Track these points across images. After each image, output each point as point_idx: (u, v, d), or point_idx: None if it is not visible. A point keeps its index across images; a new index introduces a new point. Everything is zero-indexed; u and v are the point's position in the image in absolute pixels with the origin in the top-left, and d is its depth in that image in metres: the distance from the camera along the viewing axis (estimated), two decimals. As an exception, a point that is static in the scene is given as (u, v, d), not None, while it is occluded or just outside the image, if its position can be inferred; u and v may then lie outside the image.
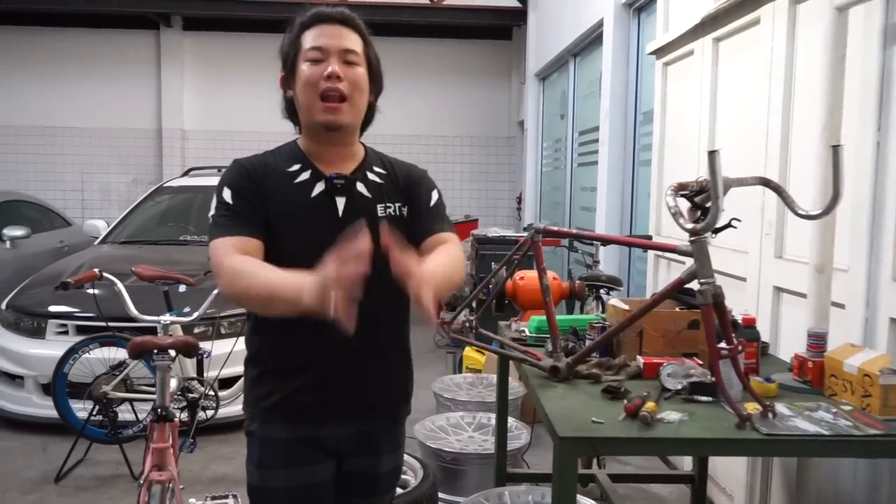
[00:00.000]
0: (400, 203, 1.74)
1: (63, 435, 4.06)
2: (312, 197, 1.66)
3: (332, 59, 1.62)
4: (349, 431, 1.71)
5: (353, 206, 1.67)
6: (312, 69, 1.62)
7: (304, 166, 1.69)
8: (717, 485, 3.27)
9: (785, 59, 2.84)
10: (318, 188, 1.67)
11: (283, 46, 1.70)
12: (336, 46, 1.63)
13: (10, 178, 10.18)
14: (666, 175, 4.14)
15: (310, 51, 1.63)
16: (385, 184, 1.75)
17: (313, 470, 1.69)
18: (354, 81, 1.64)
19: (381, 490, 1.83)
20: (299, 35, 1.67)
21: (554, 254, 7.31)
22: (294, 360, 1.67)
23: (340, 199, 1.67)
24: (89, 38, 10.26)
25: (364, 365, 1.69)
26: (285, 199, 1.64)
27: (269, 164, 1.69)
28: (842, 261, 2.41)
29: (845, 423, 1.77)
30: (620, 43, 5.38)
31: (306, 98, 1.64)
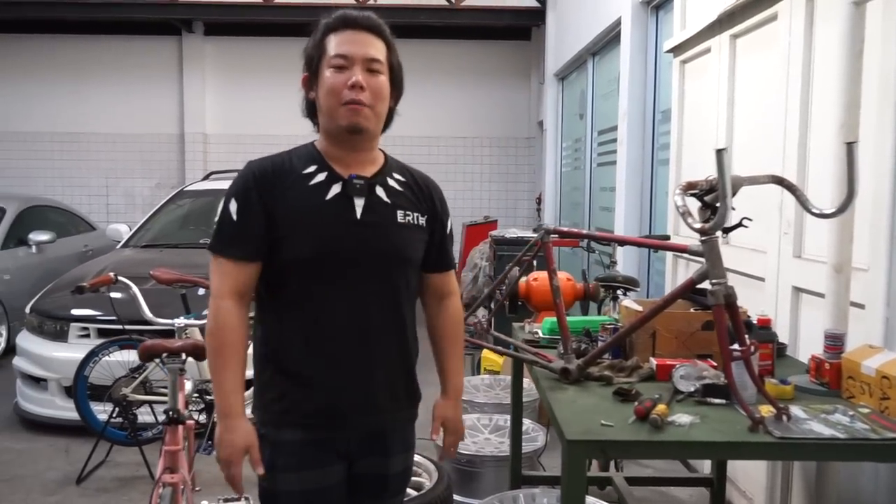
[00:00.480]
0: (419, 213, 1.76)
1: (85, 437, 4.11)
2: (328, 199, 1.65)
3: (356, 68, 1.63)
4: (361, 434, 1.72)
5: (372, 210, 1.69)
6: (336, 76, 1.63)
7: (321, 168, 1.69)
8: (736, 488, 3.22)
9: (802, 55, 2.79)
10: (335, 190, 1.67)
11: (308, 48, 1.70)
12: (361, 55, 1.64)
13: (37, 184, 10.36)
14: (684, 174, 4.09)
15: (334, 58, 1.64)
16: (405, 192, 1.76)
17: (325, 472, 1.69)
18: (377, 90, 1.66)
19: (392, 491, 1.84)
20: (324, 38, 1.67)
21: (574, 255, 7.27)
22: (308, 365, 1.67)
23: (359, 201, 1.68)
24: (113, 46, 10.40)
25: (375, 369, 1.71)
26: (299, 201, 1.64)
27: (285, 165, 1.68)
28: (861, 260, 2.36)
29: (862, 426, 1.73)
30: (638, 41, 5.33)
31: (328, 104, 1.65)
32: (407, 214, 1.73)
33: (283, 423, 1.67)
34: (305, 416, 1.67)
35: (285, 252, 1.63)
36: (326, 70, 1.64)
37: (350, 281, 1.66)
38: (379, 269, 1.69)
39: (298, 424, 1.67)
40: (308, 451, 1.67)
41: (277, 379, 1.69)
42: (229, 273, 1.63)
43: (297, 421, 1.67)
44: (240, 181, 1.67)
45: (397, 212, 1.72)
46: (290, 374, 1.67)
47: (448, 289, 1.89)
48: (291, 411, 1.67)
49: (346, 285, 1.65)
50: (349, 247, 1.65)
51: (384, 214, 1.70)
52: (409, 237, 1.73)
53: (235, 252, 1.63)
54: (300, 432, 1.67)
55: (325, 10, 1.70)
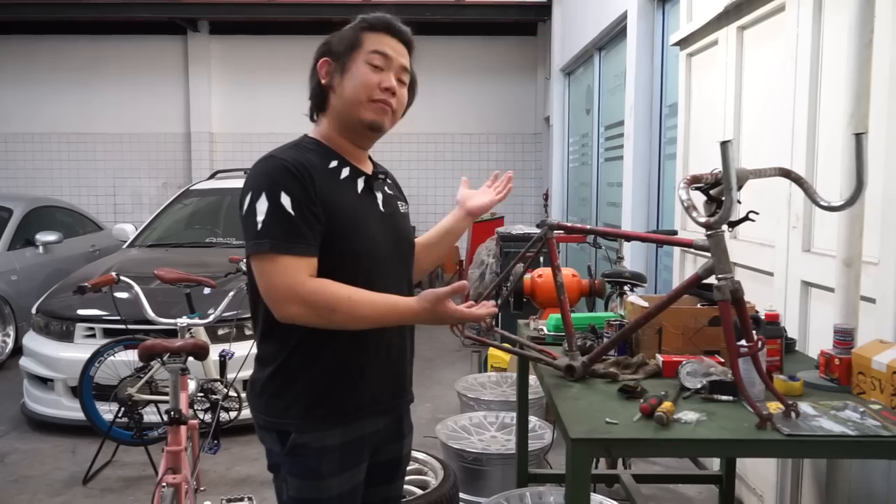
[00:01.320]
0: (405, 203, 1.87)
1: (92, 437, 4.11)
2: (359, 192, 1.69)
3: (391, 73, 1.66)
4: (387, 422, 1.76)
5: (388, 203, 1.76)
6: (371, 74, 1.64)
7: (342, 163, 1.69)
8: (746, 485, 3.18)
9: (811, 46, 2.75)
10: (360, 184, 1.70)
11: (339, 35, 1.68)
12: (398, 62, 1.68)
13: (44, 184, 10.40)
14: (692, 168, 4.05)
15: (374, 54, 1.65)
16: (393, 184, 1.87)
17: (359, 470, 1.70)
18: (402, 100, 1.72)
19: (402, 473, 1.88)
20: (361, 32, 1.66)
21: (581, 250, 7.23)
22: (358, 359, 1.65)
23: (379, 195, 1.74)
24: (118, 45, 10.42)
25: (400, 355, 1.75)
26: (338, 198, 1.62)
27: (311, 161, 1.61)
28: (872, 253, 2.32)
29: (873, 422, 1.69)
30: (645, 35, 5.29)
31: (356, 96, 1.63)
32: (403, 205, 1.83)
33: (326, 426, 1.63)
34: (349, 413, 1.65)
35: (336, 248, 1.58)
36: (362, 63, 1.64)
37: (387, 272, 1.69)
38: (401, 258, 1.77)
39: (340, 424, 1.64)
40: (348, 452, 1.66)
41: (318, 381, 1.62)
42: (298, 269, 1.51)
43: (339, 421, 1.64)
44: (280, 173, 1.55)
45: (398, 203, 1.81)
46: (335, 372, 1.63)
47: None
48: (335, 412, 1.63)
49: (384, 275, 1.67)
50: (382, 239, 1.68)
51: (394, 206, 1.78)
52: (409, 226, 1.85)
53: (300, 247, 1.52)
54: (340, 433, 1.64)
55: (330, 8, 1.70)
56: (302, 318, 1.53)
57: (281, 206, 1.51)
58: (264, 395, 1.65)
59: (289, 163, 1.56)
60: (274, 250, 1.51)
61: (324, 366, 1.62)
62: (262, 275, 1.53)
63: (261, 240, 1.52)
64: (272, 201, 1.52)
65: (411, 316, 1.59)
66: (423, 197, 10.36)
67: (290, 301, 1.51)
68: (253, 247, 1.53)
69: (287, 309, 1.52)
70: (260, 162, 1.61)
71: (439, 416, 4.46)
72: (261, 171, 1.58)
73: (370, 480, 1.75)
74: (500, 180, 2.09)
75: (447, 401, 4.91)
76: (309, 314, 1.52)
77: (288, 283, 1.50)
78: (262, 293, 1.56)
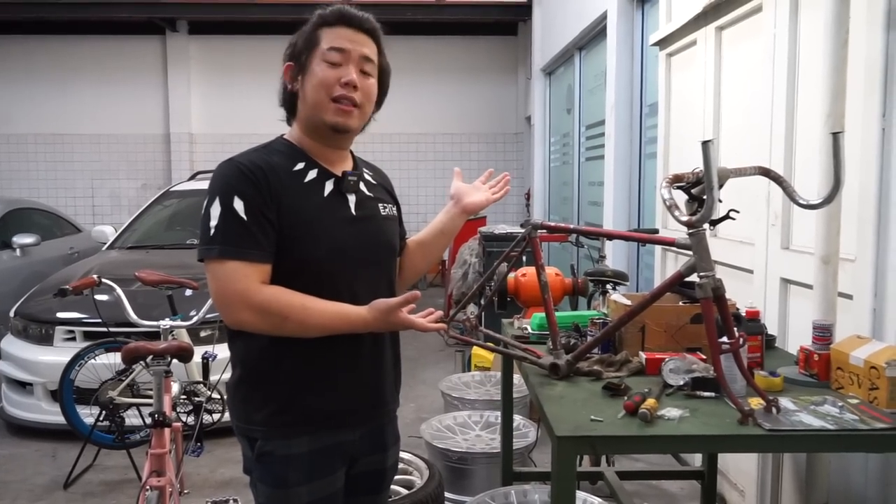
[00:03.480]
0: (391, 204, 1.81)
1: (72, 441, 4.07)
2: (325, 196, 1.62)
3: (350, 66, 1.60)
4: (363, 432, 1.71)
5: (363, 205, 1.69)
6: (329, 72, 1.59)
7: (309, 165, 1.63)
8: (728, 480, 3.22)
9: (788, 45, 2.79)
10: (328, 187, 1.63)
11: (297, 37, 1.63)
12: (357, 53, 1.61)
13: (21, 186, 10.27)
14: (672, 167, 4.09)
15: (329, 51, 1.59)
16: (378, 184, 1.80)
17: (333, 479, 1.65)
18: (368, 92, 1.64)
19: (387, 485, 1.84)
20: (317, 30, 1.61)
21: (563, 249, 7.26)
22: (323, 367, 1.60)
23: (351, 197, 1.67)
24: (96, 45, 10.32)
25: (376, 364, 1.71)
26: (300, 200, 1.57)
27: (273, 163, 1.58)
28: (849, 251, 2.36)
29: (851, 416, 1.72)
30: (624, 35, 5.32)
31: (317, 97, 1.59)
32: (386, 206, 1.77)
33: (292, 434, 1.60)
34: (316, 422, 1.61)
35: (296, 252, 1.55)
36: (318, 63, 1.59)
37: (355, 277, 1.63)
38: (375, 263, 1.70)
39: (307, 432, 1.60)
40: (317, 460, 1.62)
41: (283, 387, 1.59)
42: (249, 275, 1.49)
43: (305, 429, 1.60)
44: (236, 177, 1.53)
45: (379, 205, 1.74)
46: (302, 379, 1.59)
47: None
48: (301, 420, 1.60)
49: (352, 282, 1.62)
50: (351, 243, 1.63)
51: (372, 209, 1.71)
52: (392, 229, 1.78)
53: (253, 253, 1.50)
54: (307, 441, 1.60)
55: (310, 8, 1.67)
56: (252, 325, 1.51)
57: (234, 210, 1.49)
58: (235, 399, 1.65)
59: (245, 166, 1.54)
60: (224, 255, 1.48)
61: (289, 372, 1.59)
62: (213, 280, 1.50)
63: (212, 245, 1.50)
64: (225, 206, 1.49)
65: (362, 325, 1.56)
66: (405, 197, 10.34)
67: (241, 307, 1.49)
68: (204, 251, 1.52)
69: (237, 315, 1.50)
70: (219, 165, 1.58)
71: (423, 415, 4.46)
72: (218, 174, 1.56)
73: (353, 490, 1.73)
74: (497, 180, 2.01)
75: (431, 400, 4.92)
76: (259, 321, 1.50)
77: (239, 290, 1.48)
78: (212, 298, 1.53)
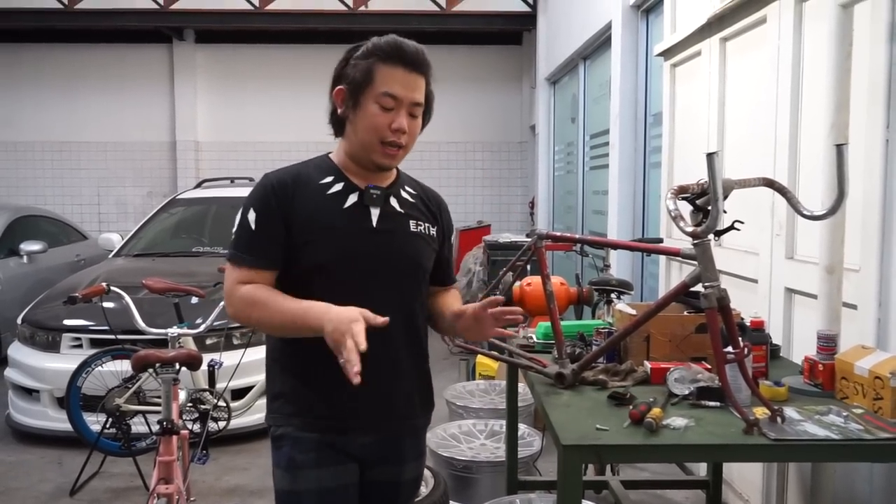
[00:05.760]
0: (430, 224, 1.82)
1: (78, 448, 4.08)
2: (346, 207, 1.69)
3: (402, 111, 1.67)
4: (375, 439, 1.74)
5: (387, 219, 1.73)
6: (381, 117, 1.66)
7: (338, 178, 1.73)
8: (732, 490, 3.22)
9: (792, 57, 2.81)
10: (352, 199, 1.71)
11: (353, 69, 1.67)
12: (409, 99, 1.68)
13: (27, 194, 10.31)
14: (676, 177, 4.10)
15: (384, 96, 1.65)
16: (416, 203, 1.82)
17: (341, 471, 1.71)
18: (413, 133, 1.73)
19: (403, 499, 1.85)
20: (374, 65, 1.65)
21: (567, 258, 7.27)
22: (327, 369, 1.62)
23: (375, 210, 1.72)
24: (103, 54, 10.38)
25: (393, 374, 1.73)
26: (318, 209, 1.68)
27: (301, 175, 1.72)
28: (853, 261, 2.37)
29: (856, 426, 1.73)
30: (629, 45, 5.35)
31: (368, 138, 1.67)
32: (419, 224, 1.78)
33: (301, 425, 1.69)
34: (321, 419, 1.69)
35: (306, 258, 1.66)
36: (372, 104, 1.65)
37: (367, 287, 1.67)
38: (395, 276, 1.73)
39: (314, 427, 1.69)
40: (324, 451, 1.69)
41: (293, 385, 1.71)
42: (243, 277, 1.66)
43: (312, 424, 1.69)
44: (258, 191, 1.70)
45: (410, 221, 1.77)
46: (308, 379, 1.69)
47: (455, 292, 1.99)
48: (307, 415, 1.69)
49: (363, 292, 1.65)
50: (366, 253, 1.69)
51: (398, 223, 1.75)
52: (421, 246, 1.78)
53: (254, 260, 1.66)
54: (317, 434, 1.69)
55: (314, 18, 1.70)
56: (237, 317, 1.69)
57: (247, 221, 1.68)
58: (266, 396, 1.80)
59: (270, 181, 1.70)
60: (232, 259, 1.69)
61: (299, 373, 1.70)
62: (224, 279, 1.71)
63: (230, 247, 1.71)
64: (243, 216, 1.69)
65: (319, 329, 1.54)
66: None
67: (229, 303, 1.68)
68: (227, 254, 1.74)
69: (229, 309, 1.69)
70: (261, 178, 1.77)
71: (428, 424, 4.47)
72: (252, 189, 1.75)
73: (367, 497, 1.77)
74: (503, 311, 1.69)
75: (436, 409, 4.90)
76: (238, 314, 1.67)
77: (229, 287, 1.67)
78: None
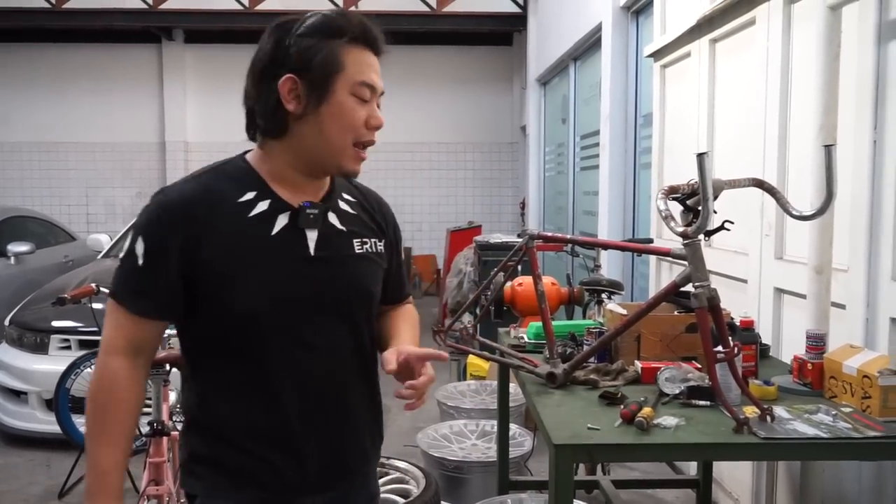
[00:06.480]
0: (376, 239, 1.49)
1: (67, 450, 4.05)
2: (274, 234, 1.34)
3: (374, 104, 1.37)
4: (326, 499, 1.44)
5: (327, 242, 1.39)
6: (359, 111, 1.34)
7: (261, 194, 1.36)
8: (722, 489, 3.23)
9: (781, 59, 2.83)
10: (281, 222, 1.35)
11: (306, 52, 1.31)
12: (380, 89, 1.38)
13: (14, 194, 10.25)
14: (666, 177, 4.12)
15: (361, 87, 1.34)
16: (358, 214, 1.48)
17: None
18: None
19: None
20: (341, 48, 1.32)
21: (558, 259, 7.29)
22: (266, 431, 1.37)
23: (311, 234, 1.37)
24: (91, 54, 10.33)
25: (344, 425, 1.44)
26: (238, 241, 1.32)
27: (212, 192, 1.34)
28: (841, 261, 2.38)
29: (844, 425, 1.74)
30: (619, 46, 5.37)
31: (339, 138, 1.34)
32: (364, 242, 1.45)
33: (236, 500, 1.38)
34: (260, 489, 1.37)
35: (223, 306, 1.32)
36: (346, 95, 1.33)
37: (309, 328, 1.37)
38: (339, 311, 1.41)
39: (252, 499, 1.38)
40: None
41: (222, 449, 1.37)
42: (125, 326, 1.32)
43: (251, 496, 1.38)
44: (153, 214, 1.33)
45: (354, 241, 1.44)
46: (241, 443, 1.36)
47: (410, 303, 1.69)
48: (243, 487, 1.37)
49: (303, 334, 1.37)
50: (305, 289, 1.36)
51: (340, 246, 1.41)
52: (370, 270, 1.47)
53: (136, 305, 1.32)
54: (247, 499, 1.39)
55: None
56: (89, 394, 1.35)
57: (133, 251, 1.31)
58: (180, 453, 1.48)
59: (174, 200, 1.33)
60: (111, 296, 1.34)
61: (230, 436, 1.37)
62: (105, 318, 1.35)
63: (114, 278, 1.35)
64: (130, 244, 1.33)
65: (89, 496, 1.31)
66: (400, 207, 10.37)
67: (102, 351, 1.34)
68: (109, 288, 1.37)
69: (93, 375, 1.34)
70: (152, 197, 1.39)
71: (419, 424, 4.46)
72: (143, 208, 1.37)
73: None
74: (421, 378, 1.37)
75: (427, 409, 4.91)
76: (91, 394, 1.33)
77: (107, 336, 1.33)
78: None
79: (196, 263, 1.31)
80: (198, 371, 1.41)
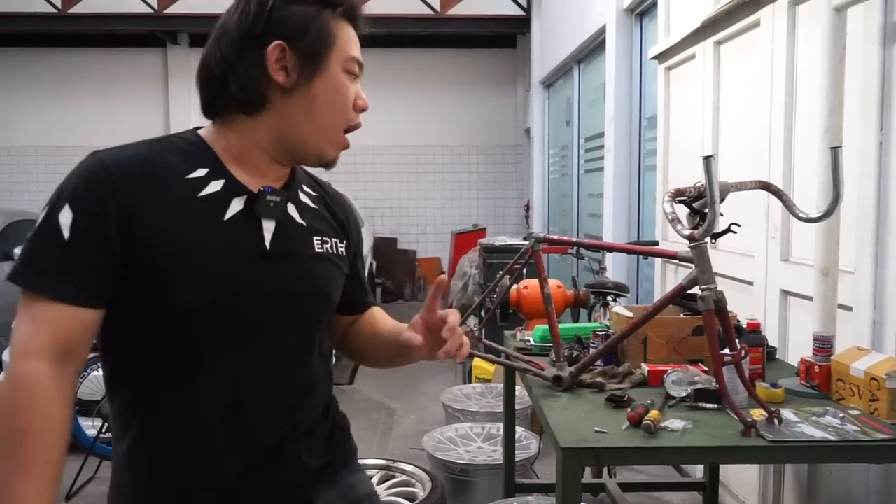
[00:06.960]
0: (337, 238, 1.31)
1: (74, 453, 4.05)
2: (226, 219, 1.15)
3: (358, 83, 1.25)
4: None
5: (285, 235, 1.21)
6: (350, 90, 1.22)
7: (214, 173, 1.17)
8: (729, 492, 3.23)
9: (786, 61, 2.82)
10: (236, 207, 1.16)
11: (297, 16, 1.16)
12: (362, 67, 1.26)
13: (21, 198, 10.28)
14: (671, 180, 4.12)
15: (352, 63, 1.21)
16: (319, 209, 1.31)
17: None
18: None
19: None
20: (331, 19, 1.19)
21: (563, 261, 7.29)
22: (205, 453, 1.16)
23: (269, 224, 1.19)
24: (96, 58, 10.37)
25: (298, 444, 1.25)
26: (183, 220, 1.11)
27: (155, 161, 1.14)
28: (848, 263, 2.38)
29: (852, 427, 1.74)
30: (623, 48, 5.37)
31: (331, 120, 1.20)
32: (325, 241, 1.27)
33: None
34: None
35: (160, 300, 1.10)
36: (339, 71, 1.19)
37: (257, 340, 1.17)
38: (293, 316, 1.22)
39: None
40: None
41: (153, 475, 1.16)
42: (47, 321, 1.05)
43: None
44: (81, 178, 1.09)
45: (314, 238, 1.26)
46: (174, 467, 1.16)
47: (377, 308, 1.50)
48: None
49: (250, 347, 1.17)
50: (256, 287, 1.16)
51: (299, 242, 1.23)
52: (330, 273, 1.28)
53: (62, 288, 1.05)
54: None
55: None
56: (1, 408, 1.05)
57: (55, 223, 1.06)
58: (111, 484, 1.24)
59: (109, 164, 1.10)
60: (22, 284, 1.07)
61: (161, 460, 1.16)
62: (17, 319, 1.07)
63: (17, 266, 1.08)
64: (48, 215, 1.08)
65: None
66: (405, 209, 10.40)
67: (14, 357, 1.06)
68: (11, 273, 1.08)
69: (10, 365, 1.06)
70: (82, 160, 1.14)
71: (425, 427, 4.47)
72: (70, 171, 1.12)
73: None
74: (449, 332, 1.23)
75: (432, 412, 4.92)
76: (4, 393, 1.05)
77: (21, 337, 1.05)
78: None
79: (132, 242, 1.07)
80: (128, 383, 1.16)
